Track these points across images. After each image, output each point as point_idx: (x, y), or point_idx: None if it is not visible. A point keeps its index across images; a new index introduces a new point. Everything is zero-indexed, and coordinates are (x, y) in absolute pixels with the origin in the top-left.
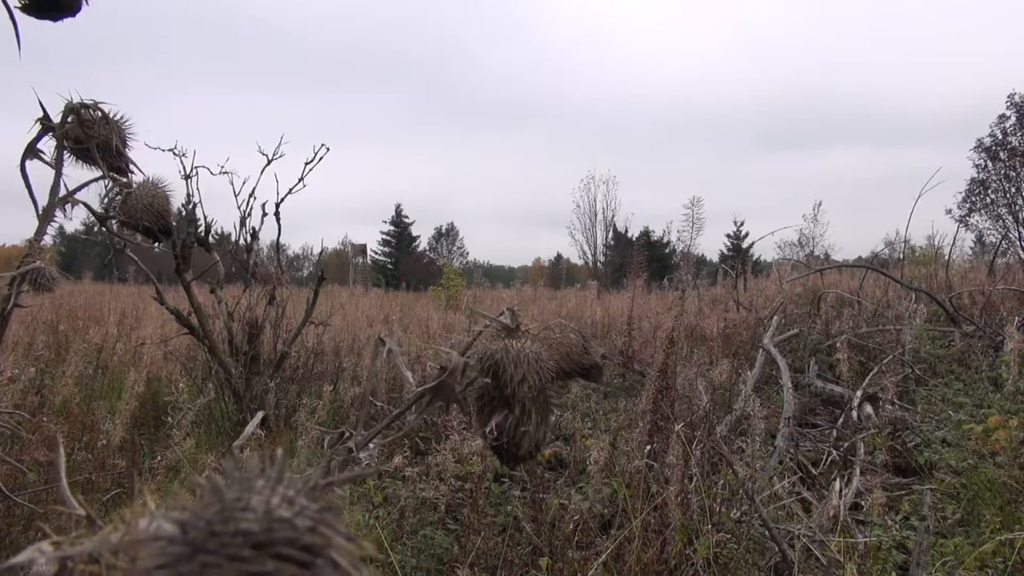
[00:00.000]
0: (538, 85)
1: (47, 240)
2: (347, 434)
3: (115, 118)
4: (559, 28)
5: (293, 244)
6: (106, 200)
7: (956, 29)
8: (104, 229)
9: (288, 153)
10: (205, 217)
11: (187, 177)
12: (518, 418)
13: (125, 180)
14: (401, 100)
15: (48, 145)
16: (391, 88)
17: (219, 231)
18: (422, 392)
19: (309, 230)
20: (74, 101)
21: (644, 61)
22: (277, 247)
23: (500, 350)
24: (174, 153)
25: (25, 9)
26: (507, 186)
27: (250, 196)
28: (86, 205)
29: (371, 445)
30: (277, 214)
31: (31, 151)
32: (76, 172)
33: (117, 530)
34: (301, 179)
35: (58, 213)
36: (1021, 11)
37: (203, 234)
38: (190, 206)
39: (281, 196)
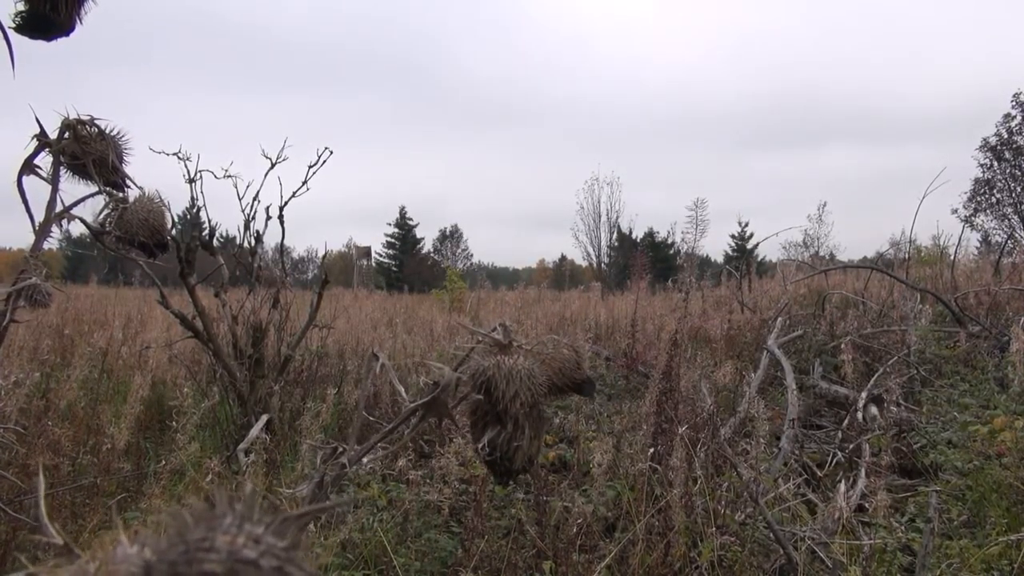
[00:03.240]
0: (538, 87)
1: (53, 244)
2: (340, 449)
3: (111, 133)
4: (557, 29)
5: (298, 246)
6: (101, 215)
7: (955, 26)
8: (100, 244)
9: (290, 156)
10: (209, 220)
11: (191, 181)
12: (511, 434)
13: (121, 195)
14: (400, 101)
15: (45, 161)
16: (390, 89)
17: (223, 234)
18: (414, 408)
19: (313, 232)
20: (71, 117)
21: (644, 61)
22: (281, 250)
23: (492, 366)
24: (178, 157)
25: (19, 30)
26: (509, 187)
27: (254, 199)
28: (82, 220)
29: (364, 460)
30: (281, 217)
31: (28, 167)
32: (73, 187)
33: (94, 560)
34: (305, 183)
35: (55, 228)
36: (1021, 8)
37: (207, 238)
38: (194, 210)
39: (284, 199)
